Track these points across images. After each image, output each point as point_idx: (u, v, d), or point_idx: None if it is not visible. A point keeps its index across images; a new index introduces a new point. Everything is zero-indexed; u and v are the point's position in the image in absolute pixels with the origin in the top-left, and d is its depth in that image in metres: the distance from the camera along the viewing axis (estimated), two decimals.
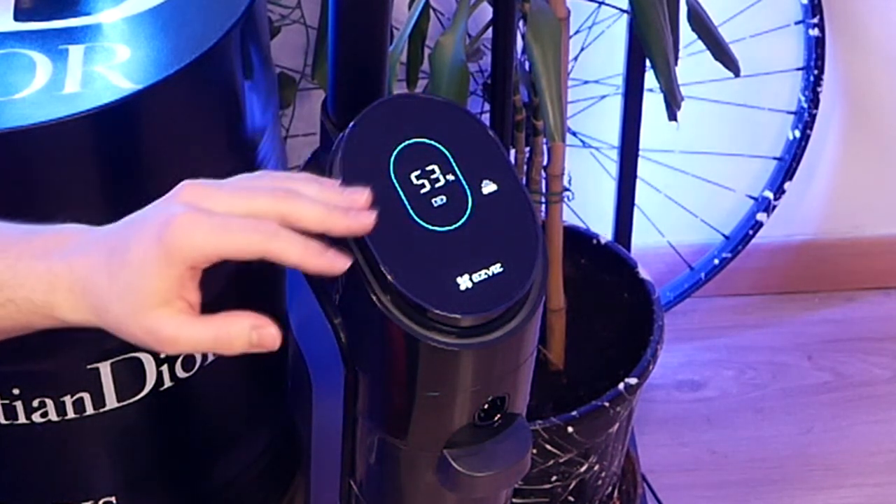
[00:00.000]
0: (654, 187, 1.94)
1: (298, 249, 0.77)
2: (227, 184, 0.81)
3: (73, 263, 0.81)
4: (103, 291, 0.80)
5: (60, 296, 0.81)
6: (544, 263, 0.82)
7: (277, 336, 0.81)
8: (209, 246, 0.77)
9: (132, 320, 0.80)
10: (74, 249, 0.81)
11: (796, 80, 1.91)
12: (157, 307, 0.79)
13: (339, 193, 0.80)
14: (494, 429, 0.87)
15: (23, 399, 1.21)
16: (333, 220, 0.78)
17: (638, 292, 1.62)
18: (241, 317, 0.80)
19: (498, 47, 1.41)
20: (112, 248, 0.80)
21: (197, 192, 0.79)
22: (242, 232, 0.77)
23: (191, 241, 0.77)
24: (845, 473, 1.87)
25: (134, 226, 0.80)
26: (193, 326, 0.79)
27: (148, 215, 0.80)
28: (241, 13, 1.19)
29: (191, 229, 0.77)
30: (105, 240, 0.81)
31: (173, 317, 0.79)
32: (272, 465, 1.48)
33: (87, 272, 0.80)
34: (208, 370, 1.27)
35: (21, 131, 1.08)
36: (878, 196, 2.06)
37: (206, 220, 0.77)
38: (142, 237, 0.78)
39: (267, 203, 0.78)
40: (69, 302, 0.81)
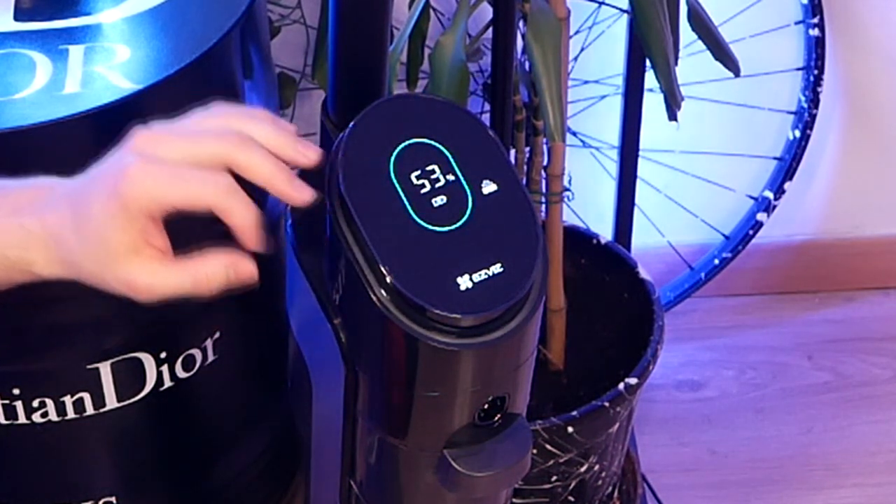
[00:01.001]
0: (654, 187, 1.95)
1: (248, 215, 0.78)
2: (178, 128, 0.81)
3: (45, 219, 0.81)
4: (73, 246, 0.80)
5: (35, 252, 0.81)
6: (544, 263, 0.82)
7: (254, 270, 0.81)
8: (163, 196, 0.77)
9: (105, 273, 0.80)
10: (46, 205, 0.82)
11: (796, 80, 1.91)
12: (126, 258, 0.79)
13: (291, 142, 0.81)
14: (494, 429, 0.87)
15: (23, 399, 1.21)
16: (278, 182, 0.79)
17: (638, 292, 1.62)
18: (214, 256, 0.80)
19: (498, 47, 1.41)
20: (75, 203, 0.80)
21: (148, 139, 0.80)
22: (196, 184, 0.77)
23: (145, 192, 0.77)
24: (845, 473, 1.87)
25: (93, 179, 0.81)
26: (168, 273, 0.80)
27: (104, 167, 0.81)
28: (241, 13, 1.19)
29: (143, 179, 0.77)
30: (71, 194, 0.81)
31: (145, 265, 0.79)
32: (272, 465, 1.48)
33: (56, 228, 0.80)
34: (208, 370, 1.27)
35: (21, 131, 1.07)
36: (878, 196, 2.07)
37: (158, 169, 0.78)
38: (99, 190, 0.79)
39: (217, 149, 0.79)
40: (43, 258, 0.81)
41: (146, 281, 0.80)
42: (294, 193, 0.80)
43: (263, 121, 0.82)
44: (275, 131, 0.81)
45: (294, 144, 0.82)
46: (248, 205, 0.79)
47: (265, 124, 0.82)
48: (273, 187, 0.80)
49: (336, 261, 0.84)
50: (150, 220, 0.78)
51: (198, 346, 1.25)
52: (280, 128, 0.82)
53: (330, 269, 0.86)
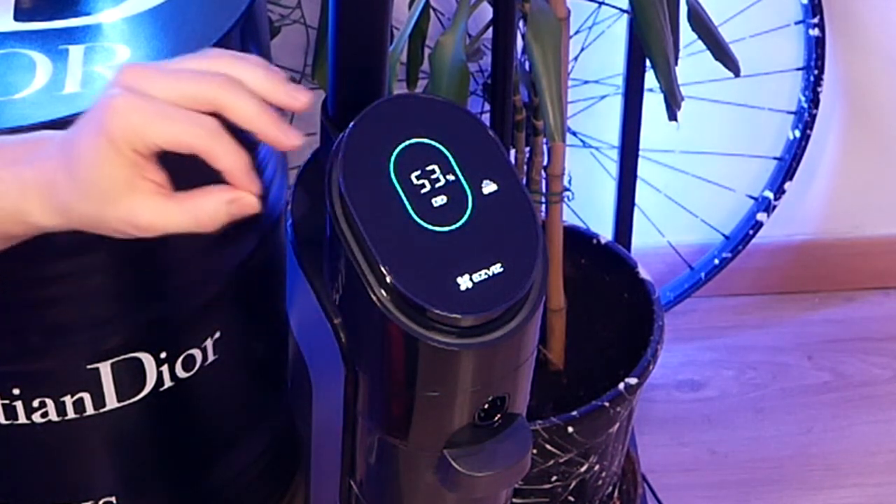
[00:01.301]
0: (654, 187, 1.95)
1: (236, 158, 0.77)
2: (168, 65, 0.80)
3: (39, 168, 0.80)
4: (67, 190, 0.79)
5: (31, 202, 0.80)
6: (544, 263, 0.82)
7: (256, 202, 0.80)
8: (148, 132, 0.76)
9: (105, 213, 0.79)
10: (40, 153, 0.81)
11: (796, 80, 1.91)
12: (124, 195, 0.78)
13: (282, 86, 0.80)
14: (494, 429, 0.87)
15: (23, 399, 1.21)
16: (265, 125, 0.78)
17: (638, 292, 1.62)
18: (215, 192, 0.79)
19: (498, 47, 1.41)
20: (65, 146, 0.79)
21: (135, 73, 0.78)
22: (182, 124, 0.76)
23: (129, 126, 0.76)
24: (845, 473, 1.87)
25: (82, 120, 0.79)
26: (169, 209, 0.79)
27: (92, 106, 0.79)
28: (241, 13, 1.19)
29: (128, 113, 0.76)
30: (65, 139, 0.80)
31: (146, 201, 0.78)
32: (272, 465, 1.48)
33: (51, 175, 0.79)
34: (208, 370, 1.27)
35: (21, 131, 1.07)
36: (878, 196, 2.07)
37: (144, 104, 0.76)
38: (86, 128, 0.78)
39: (205, 90, 0.77)
40: (40, 206, 0.80)
41: (148, 219, 0.78)
42: (282, 137, 0.79)
43: (254, 64, 0.81)
44: (265, 74, 0.80)
45: (285, 88, 0.80)
46: (235, 148, 0.78)
47: (256, 68, 0.80)
48: (260, 130, 0.78)
49: (336, 261, 0.84)
50: (139, 155, 0.77)
51: (198, 346, 1.25)
52: (271, 72, 0.81)
53: (330, 269, 0.86)
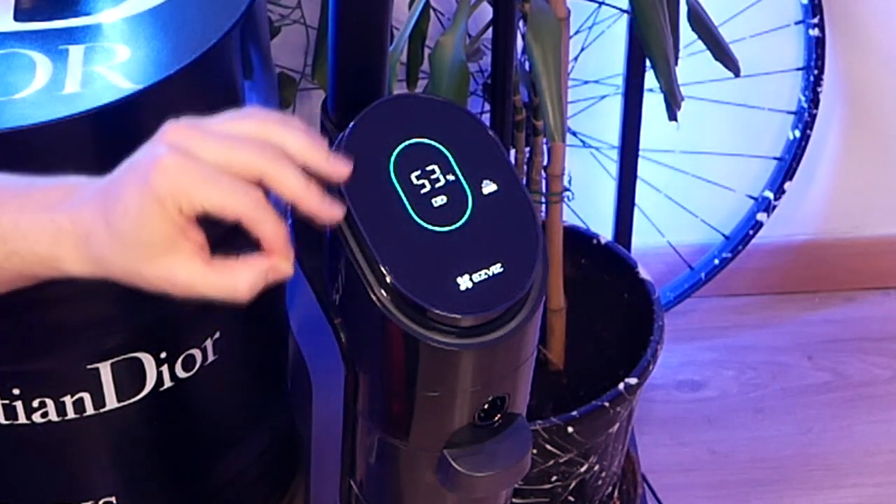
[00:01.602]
0: (654, 187, 1.95)
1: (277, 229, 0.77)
2: (214, 128, 0.79)
3: (75, 215, 0.79)
4: (105, 242, 0.78)
5: (65, 248, 0.80)
6: (544, 263, 0.82)
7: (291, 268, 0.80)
8: (196, 195, 0.76)
9: (143, 269, 0.78)
10: (76, 201, 0.80)
11: (796, 80, 1.91)
12: (165, 253, 0.78)
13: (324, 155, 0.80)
14: (494, 429, 0.87)
15: (23, 399, 1.21)
16: (308, 200, 0.78)
17: (638, 292, 1.62)
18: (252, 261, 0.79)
19: (498, 47, 1.41)
20: (107, 198, 0.79)
21: (183, 133, 0.78)
22: (229, 191, 0.76)
23: (178, 185, 0.76)
24: (845, 473, 1.87)
25: (125, 172, 0.79)
26: (209, 274, 0.79)
27: (136, 160, 0.79)
28: (241, 13, 1.19)
29: (177, 173, 0.76)
30: (103, 189, 0.80)
31: (186, 263, 0.78)
32: (272, 465, 1.48)
33: (88, 224, 0.79)
34: (208, 370, 1.27)
35: (21, 131, 1.07)
36: (878, 196, 2.07)
37: (194, 167, 0.76)
38: (131, 183, 0.77)
39: (253, 160, 0.77)
40: (73, 254, 0.80)
41: (186, 278, 0.78)
42: (325, 211, 0.79)
43: (297, 130, 0.80)
44: (308, 143, 0.80)
45: (326, 157, 0.80)
46: (277, 219, 0.78)
47: (299, 135, 0.80)
48: (305, 205, 0.78)
49: (336, 261, 0.84)
50: (183, 216, 0.77)
51: (198, 346, 1.25)
52: (314, 138, 0.81)
53: (330, 269, 0.86)
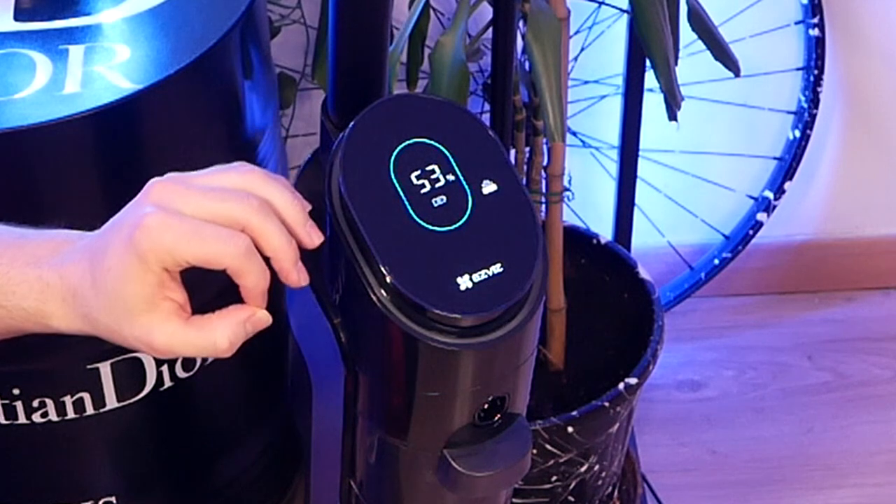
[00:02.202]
0: (654, 187, 1.95)
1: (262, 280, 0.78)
2: (198, 183, 0.79)
3: (63, 272, 0.79)
4: (91, 300, 0.78)
5: (52, 305, 0.80)
6: (544, 263, 0.82)
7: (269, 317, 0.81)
8: (180, 250, 0.76)
9: (123, 329, 0.78)
10: (65, 257, 0.80)
11: (796, 80, 1.91)
12: (143, 313, 0.78)
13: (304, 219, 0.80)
14: (494, 429, 0.87)
15: (23, 399, 1.21)
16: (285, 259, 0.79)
17: (638, 292, 1.62)
18: (229, 314, 0.80)
19: (498, 47, 1.41)
20: (93, 255, 0.79)
21: (166, 190, 0.78)
22: (215, 243, 0.76)
23: (161, 244, 0.76)
24: (845, 473, 1.87)
25: (111, 230, 0.79)
26: (186, 333, 0.78)
27: (121, 218, 0.79)
28: (241, 13, 1.19)
29: (160, 232, 0.76)
30: (90, 246, 0.80)
31: (163, 323, 0.78)
32: (272, 465, 1.48)
33: (75, 281, 0.79)
34: (208, 370, 1.27)
35: (21, 131, 1.08)
36: (878, 196, 2.07)
37: (177, 223, 0.76)
38: (116, 242, 0.77)
39: (237, 213, 0.77)
40: (61, 311, 0.80)
41: (164, 341, 0.78)
42: (294, 275, 0.80)
43: (283, 188, 0.81)
44: (292, 203, 0.80)
45: (305, 222, 0.81)
46: (263, 270, 0.78)
47: (285, 192, 0.80)
48: (280, 263, 0.79)
49: (336, 261, 0.84)
50: (166, 273, 0.77)
51: None
52: (297, 198, 0.81)
53: (330, 269, 0.86)
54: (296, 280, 0.80)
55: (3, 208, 1.11)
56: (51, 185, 1.14)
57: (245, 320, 0.80)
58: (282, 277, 0.80)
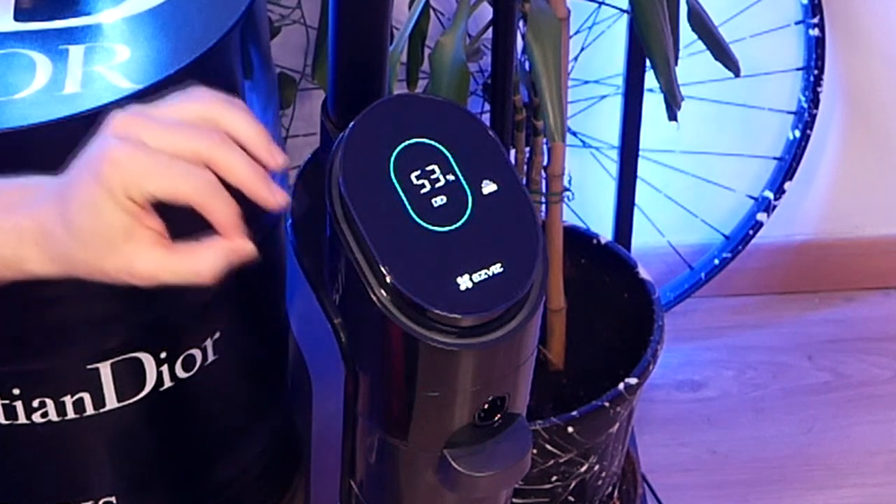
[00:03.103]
0: (654, 187, 1.95)
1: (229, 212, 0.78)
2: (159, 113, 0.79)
3: (36, 216, 0.80)
4: (65, 240, 0.79)
5: (27, 249, 0.80)
6: (544, 263, 0.82)
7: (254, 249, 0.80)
8: (146, 182, 0.76)
9: (103, 262, 0.79)
10: (36, 202, 0.80)
11: (796, 80, 1.91)
12: (123, 243, 0.78)
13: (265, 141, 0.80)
14: (494, 429, 0.87)
15: (23, 399, 1.21)
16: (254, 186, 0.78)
17: (638, 292, 1.62)
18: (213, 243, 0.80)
19: (498, 47, 1.41)
20: (62, 195, 0.79)
21: (129, 122, 0.78)
22: (179, 177, 0.77)
23: (127, 176, 0.76)
24: (845, 473, 1.87)
25: (77, 168, 0.79)
26: (168, 259, 0.79)
27: (86, 154, 0.79)
28: (241, 13, 1.19)
29: (127, 164, 0.76)
30: (60, 186, 0.80)
31: (145, 251, 0.78)
32: (272, 465, 1.48)
33: (47, 223, 0.79)
34: (208, 370, 1.27)
35: (21, 131, 1.08)
36: (878, 196, 2.07)
37: (143, 156, 0.76)
38: (83, 178, 0.78)
39: (199, 146, 0.78)
40: (36, 254, 0.80)
41: (146, 267, 0.79)
42: (270, 197, 0.79)
43: (241, 112, 0.81)
44: (251, 126, 0.81)
45: (267, 144, 0.81)
46: (230, 202, 0.78)
47: (243, 117, 0.81)
48: (250, 190, 0.79)
49: (336, 261, 0.84)
50: (136, 204, 0.77)
51: (198, 346, 1.25)
52: (256, 123, 0.81)
53: (330, 269, 0.86)
54: (272, 201, 0.79)
55: None
56: None
57: (229, 251, 0.80)
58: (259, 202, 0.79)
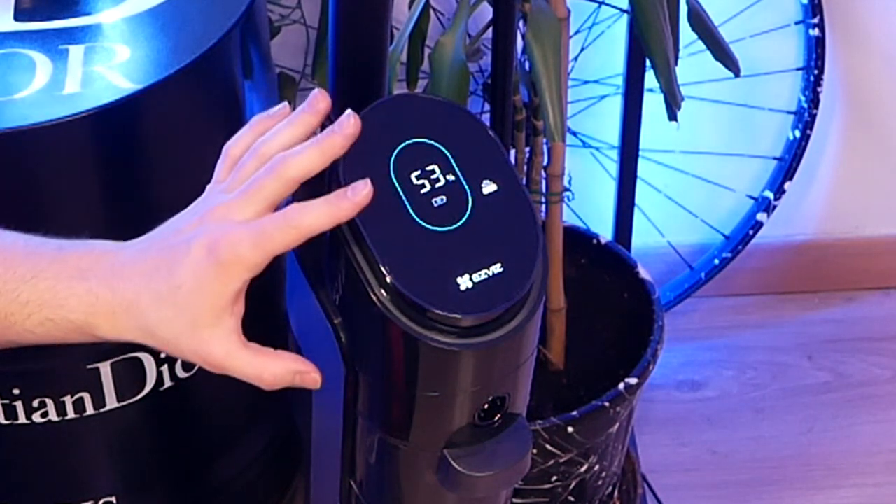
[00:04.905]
0: (654, 187, 1.95)
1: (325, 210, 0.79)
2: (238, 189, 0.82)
3: (115, 286, 0.82)
4: (149, 314, 0.81)
5: (101, 317, 0.82)
6: (544, 263, 0.82)
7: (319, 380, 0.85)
8: (258, 255, 0.79)
9: (181, 341, 0.82)
10: (114, 270, 0.82)
11: (796, 80, 1.91)
12: (207, 327, 0.81)
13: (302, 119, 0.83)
14: (494, 429, 0.87)
15: (23, 399, 1.21)
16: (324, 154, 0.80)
17: (638, 292, 1.62)
18: (286, 358, 0.84)
19: (498, 47, 1.41)
20: (151, 273, 0.81)
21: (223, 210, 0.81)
22: (277, 230, 0.79)
23: (241, 256, 0.79)
24: (845, 473, 1.87)
25: (172, 249, 0.81)
26: (242, 355, 0.82)
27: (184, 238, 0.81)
28: (241, 13, 1.19)
29: (237, 245, 0.79)
30: (141, 261, 0.82)
31: (223, 339, 0.82)
32: (272, 465, 1.48)
33: (130, 295, 0.81)
34: (208, 370, 1.27)
35: (21, 131, 1.08)
36: (878, 196, 2.07)
37: (246, 232, 0.79)
38: (189, 259, 0.80)
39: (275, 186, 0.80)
40: (110, 323, 0.82)
41: (220, 357, 0.82)
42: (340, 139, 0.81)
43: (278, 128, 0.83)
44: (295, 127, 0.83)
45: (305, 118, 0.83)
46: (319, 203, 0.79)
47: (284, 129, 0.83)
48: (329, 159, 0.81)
49: (336, 261, 0.84)
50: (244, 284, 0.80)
51: None
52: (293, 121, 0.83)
53: (330, 269, 0.86)
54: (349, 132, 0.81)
55: (3, 208, 1.11)
56: (51, 185, 1.13)
57: (297, 371, 0.84)
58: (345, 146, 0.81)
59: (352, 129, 0.81)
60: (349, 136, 0.81)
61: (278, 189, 0.81)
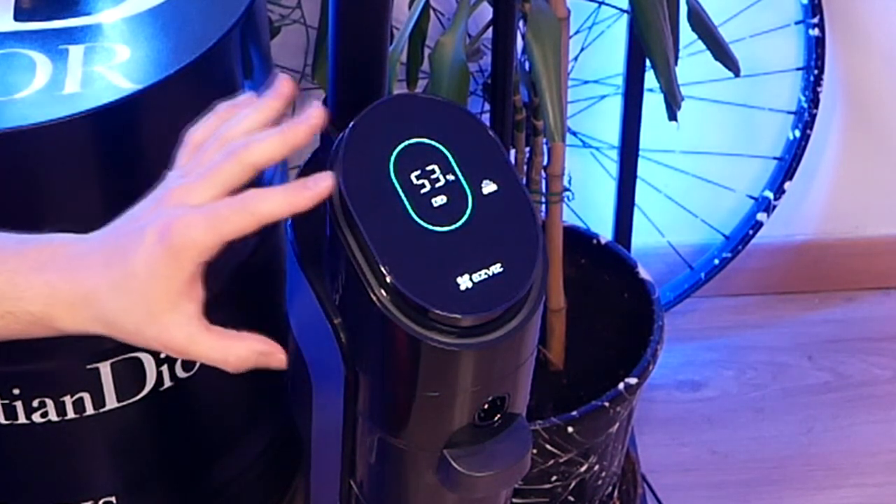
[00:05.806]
0: (654, 187, 1.95)
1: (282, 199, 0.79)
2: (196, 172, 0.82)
3: (72, 277, 0.81)
4: (107, 303, 0.81)
5: (60, 308, 0.82)
6: (544, 263, 0.82)
7: (285, 359, 0.84)
8: (210, 238, 0.78)
9: (143, 328, 0.81)
10: (71, 262, 0.82)
11: (796, 80, 1.91)
12: (165, 313, 0.80)
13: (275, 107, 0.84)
14: (494, 429, 0.87)
15: (23, 399, 1.21)
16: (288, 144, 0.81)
17: (638, 292, 1.62)
18: (249, 339, 0.83)
19: (498, 47, 1.41)
20: (107, 260, 0.81)
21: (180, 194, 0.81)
22: (233, 214, 0.79)
23: (193, 240, 0.78)
24: (845, 473, 1.87)
25: (127, 236, 0.81)
26: (204, 339, 0.81)
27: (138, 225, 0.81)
28: (241, 13, 1.19)
29: (189, 229, 0.78)
30: (98, 251, 0.82)
31: (185, 325, 0.81)
32: (272, 465, 1.48)
33: (88, 286, 0.81)
34: (208, 370, 1.27)
35: (21, 131, 1.08)
36: (878, 196, 2.07)
37: (199, 216, 0.79)
38: (142, 246, 0.79)
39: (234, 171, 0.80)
40: (69, 314, 0.82)
41: (182, 342, 0.81)
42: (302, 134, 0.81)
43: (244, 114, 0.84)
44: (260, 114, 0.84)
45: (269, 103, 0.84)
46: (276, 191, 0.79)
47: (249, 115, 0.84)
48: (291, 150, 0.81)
49: (336, 261, 0.84)
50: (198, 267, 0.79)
51: None
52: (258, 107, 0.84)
53: (330, 269, 0.86)
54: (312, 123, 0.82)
55: (3, 208, 1.12)
56: (51, 185, 1.14)
57: (261, 352, 0.84)
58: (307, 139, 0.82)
59: (316, 121, 0.81)
60: (313, 127, 0.81)
61: (237, 174, 0.80)
